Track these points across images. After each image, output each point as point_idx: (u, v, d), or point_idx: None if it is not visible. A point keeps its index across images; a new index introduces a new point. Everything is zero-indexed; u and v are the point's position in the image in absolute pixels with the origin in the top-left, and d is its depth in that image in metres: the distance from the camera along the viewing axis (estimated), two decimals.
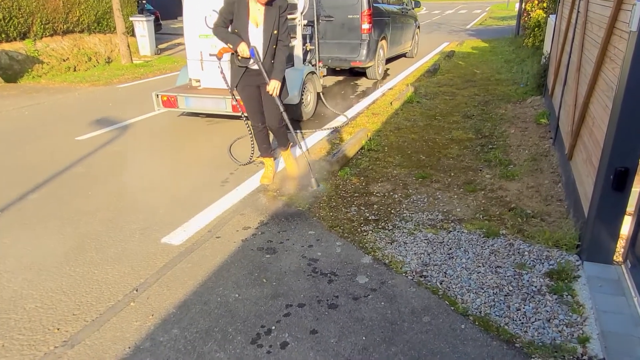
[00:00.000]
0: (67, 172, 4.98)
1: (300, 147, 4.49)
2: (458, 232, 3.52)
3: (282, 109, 4.11)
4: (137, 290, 2.96)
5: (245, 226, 3.73)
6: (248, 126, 4.56)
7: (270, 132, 4.43)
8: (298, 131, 6.13)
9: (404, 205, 3.99)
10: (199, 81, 6.51)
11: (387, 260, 3.20)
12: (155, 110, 6.48)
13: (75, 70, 11.59)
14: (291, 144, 4.49)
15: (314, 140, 5.82)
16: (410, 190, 4.28)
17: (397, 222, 3.70)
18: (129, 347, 2.48)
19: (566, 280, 2.85)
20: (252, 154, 4.72)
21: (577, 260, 3.03)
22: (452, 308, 2.69)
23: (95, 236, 3.63)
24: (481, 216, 3.75)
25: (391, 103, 7.35)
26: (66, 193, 4.43)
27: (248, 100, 4.23)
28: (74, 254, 3.40)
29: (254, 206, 4.07)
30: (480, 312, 2.66)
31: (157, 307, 2.80)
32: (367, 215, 3.85)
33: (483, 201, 4.02)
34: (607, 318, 2.47)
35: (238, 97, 4.30)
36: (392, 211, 3.90)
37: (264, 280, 3.02)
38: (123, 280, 3.07)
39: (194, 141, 5.86)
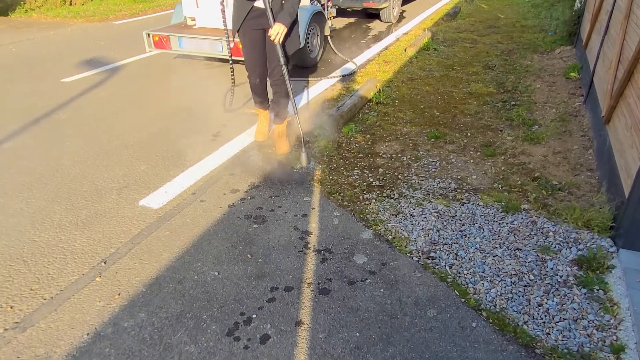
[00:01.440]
0: (47, 119, 4.56)
1: (296, 111, 3.59)
2: (473, 204, 3.09)
3: (282, 61, 3.40)
4: (105, 263, 2.61)
5: (233, 189, 3.34)
6: (232, 73, 4.05)
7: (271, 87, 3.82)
8: (300, 80, 5.60)
9: (413, 170, 3.55)
10: (194, 19, 5.92)
11: (390, 236, 2.81)
12: (147, 51, 5.93)
13: (71, 4, 10.87)
14: (289, 118, 3.92)
15: (318, 89, 5.29)
16: (421, 152, 3.82)
17: (404, 190, 3.28)
18: (88, 334, 2.16)
19: (597, 271, 2.45)
20: (232, 100, 4.25)
21: (611, 246, 2.61)
22: (463, 300, 2.32)
23: (67, 195, 3.27)
24: (500, 186, 3.31)
25: (405, 50, 6.71)
26: (43, 143, 4.04)
27: (250, 47, 3.56)
28: (41, 215, 3.04)
29: (245, 165, 3.66)
30: (495, 306, 2.29)
31: (126, 284, 2.46)
32: (371, 180, 3.43)
33: (503, 168, 3.56)
34: None
35: (236, 40, 3.71)
36: (399, 176, 3.47)
37: (249, 255, 2.66)
38: (91, 250, 2.72)
39: (187, 88, 5.36)
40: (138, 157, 3.79)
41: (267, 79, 3.75)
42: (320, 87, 5.34)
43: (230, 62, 3.98)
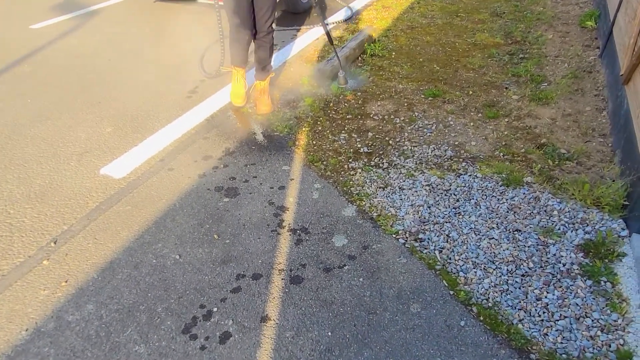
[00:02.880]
0: (10, 71, 4.17)
1: (328, 35, 3.66)
2: (470, 176, 2.78)
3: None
4: (55, 243, 2.35)
5: (206, 155, 3.02)
6: (220, 23, 3.60)
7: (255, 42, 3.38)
8: (292, 28, 5.12)
9: (406, 134, 3.21)
10: None
11: (375, 213, 2.52)
12: None
13: None
14: (272, 74, 3.50)
15: (308, 39, 4.83)
16: (417, 113, 3.46)
17: (394, 158, 2.95)
18: (27, 329, 1.92)
19: (606, 259, 2.17)
20: (222, 62, 3.78)
21: (623, 229, 2.32)
22: (452, 292, 2.06)
23: (21, 161, 2.96)
24: (501, 154, 2.97)
25: None
26: (1, 99, 3.68)
27: None
28: None
29: (221, 127, 3.31)
30: (487, 299, 2.03)
31: (75, 269, 2.20)
32: (359, 146, 3.09)
33: (506, 132, 3.21)
34: None
35: None
36: (391, 142, 3.13)
37: (216, 236, 2.38)
38: (42, 227, 2.45)
39: (166, 37, 4.91)
40: (105, 116, 3.45)
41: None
42: (311, 37, 4.87)
43: (217, 8, 3.50)
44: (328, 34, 3.66)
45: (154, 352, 1.83)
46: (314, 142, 3.13)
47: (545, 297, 2.02)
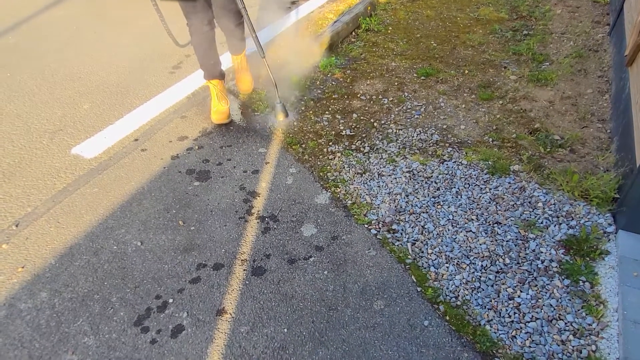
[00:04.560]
0: None
1: (263, 54, 2.81)
2: (454, 162, 2.63)
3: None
4: (17, 226, 2.28)
5: (181, 135, 2.91)
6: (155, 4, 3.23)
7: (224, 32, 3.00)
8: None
9: (393, 116, 3.06)
10: None
11: (349, 201, 2.40)
12: None
13: None
14: (245, 48, 3.17)
15: (302, 12, 4.62)
16: (406, 94, 3.29)
17: (377, 142, 2.82)
18: None
19: (587, 257, 2.04)
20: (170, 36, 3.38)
21: (610, 225, 2.17)
22: (419, 289, 1.95)
23: None
24: (491, 140, 2.82)
25: None
26: None
27: None
28: None
29: (201, 106, 3.19)
30: (456, 297, 1.92)
31: (34, 253, 2.14)
32: (341, 128, 2.95)
33: (498, 116, 3.04)
34: None
35: None
36: (375, 124, 2.98)
37: (181, 222, 2.30)
38: (5, 208, 2.39)
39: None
40: (83, 92, 3.34)
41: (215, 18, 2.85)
42: (305, 10, 4.66)
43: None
44: (256, 40, 2.79)
45: (103, 344, 1.77)
46: (295, 124, 3.00)
47: (519, 296, 1.91)
